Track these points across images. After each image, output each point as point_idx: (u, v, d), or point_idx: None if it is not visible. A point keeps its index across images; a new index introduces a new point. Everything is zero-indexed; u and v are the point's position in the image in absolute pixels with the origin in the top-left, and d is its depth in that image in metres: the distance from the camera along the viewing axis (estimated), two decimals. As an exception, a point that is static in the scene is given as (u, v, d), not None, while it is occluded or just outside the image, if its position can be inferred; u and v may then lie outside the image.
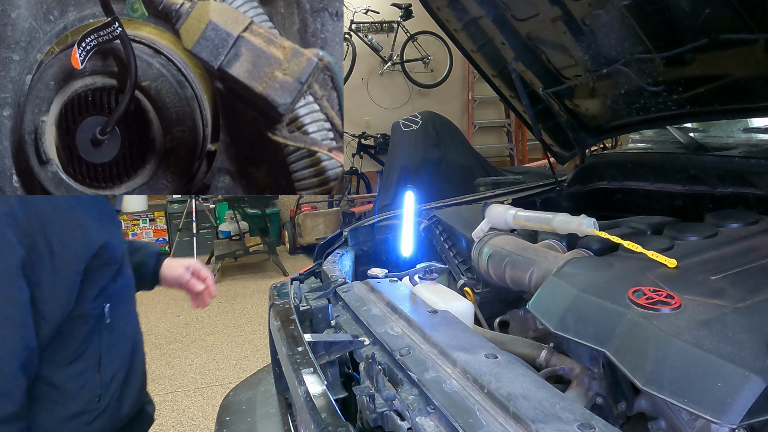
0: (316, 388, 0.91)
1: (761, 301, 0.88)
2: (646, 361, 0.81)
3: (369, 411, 0.85)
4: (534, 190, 2.10)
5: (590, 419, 0.72)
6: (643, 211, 1.70)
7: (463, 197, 2.09)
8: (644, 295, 0.92)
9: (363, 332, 1.16)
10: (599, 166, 1.99)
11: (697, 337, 0.79)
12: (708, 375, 0.74)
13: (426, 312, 1.14)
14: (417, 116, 4.53)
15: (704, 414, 0.71)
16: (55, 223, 1.02)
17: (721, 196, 1.56)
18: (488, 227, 1.48)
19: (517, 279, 1.28)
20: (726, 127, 2.05)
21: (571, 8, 1.51)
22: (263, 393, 1.47)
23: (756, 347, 0.76)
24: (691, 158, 1.69)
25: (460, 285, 1.59)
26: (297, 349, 1.06)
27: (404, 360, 0.95)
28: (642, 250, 1.09)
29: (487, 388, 0.81)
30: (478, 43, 1.94)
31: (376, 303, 1.25)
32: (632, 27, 1.42)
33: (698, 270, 1.02)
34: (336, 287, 1.37)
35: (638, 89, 1.60)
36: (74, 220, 1.05)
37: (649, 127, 2.00)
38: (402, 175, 4.28)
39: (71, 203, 1.05)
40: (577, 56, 1.66)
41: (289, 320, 1.21)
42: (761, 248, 1.10)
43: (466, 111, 7.47)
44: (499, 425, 0.74)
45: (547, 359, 1.13)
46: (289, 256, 5.77)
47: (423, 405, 0.85)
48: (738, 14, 1.20)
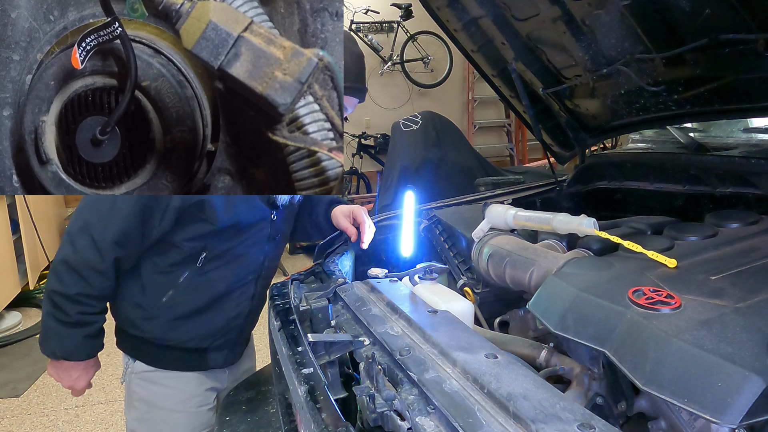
0: (316, 388, 0.91)
1: (761, 301, 0.88)
2: (646, 361, 0.81)
3: (369, 411, 0.85)
4: (534, 190, 2.10)
5: (590, 419, 0.72)
6: (643, 211, 1.70)
7: (463, 197, 2.09)
8: (644, 295, 0.92)
9: (363, 332, 1.16)
10: (599, 166, 1.99)
11: (697, 337, 0.79)
12: (708, 375, 0.74)
13: (426, 312, 1.14)
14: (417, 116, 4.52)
15: (704, 414, 0.71)
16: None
17: (721, 196, 1.56)
18: (488, 227, 1.48)
19: (517, 279, 1.27)
20: (726, 127, 2.05)
21: (571, 8, 1.51)
22: (263, 393, 1.47)
23: (756, 347, 0.76)
24: (691, 158, 1.69)
25: (460, 285, 1.59)
26: (297, 349, 1.06)
27: (404, 360, 0.95)
28: (642, 250, 1.09)
29: (487, 388, 0.81)
30: (478, 43, 1.94)
31: (376, 303, 1.25)
32: (632, 27, 1.42)
33: (698, 270, 1.02)
34: (336, 287, 1.37)
35: (638, 89, 1.60)
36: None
37: (649, 127, 2.00)
38: (402, 175, 4.28)
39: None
40: (577, 56, 1.66)
41: (289, 320, 1.21)
42: (761, 248, 1.10)
43: (466, 111, 7.47)
44: (499, 425, 0.74)
45: (547, 359, 1.13)
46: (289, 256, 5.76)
47: (423, 405, 0.85)
48: (738, 14, 1.20)
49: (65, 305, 1.29)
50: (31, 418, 2.86)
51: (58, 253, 1.30)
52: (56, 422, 2.82)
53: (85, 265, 1.28)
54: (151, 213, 1.29)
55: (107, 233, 1.27)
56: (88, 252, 1.28)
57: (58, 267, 1.28)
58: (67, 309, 1.29)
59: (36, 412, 2.92)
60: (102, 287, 1.32)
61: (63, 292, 1.28)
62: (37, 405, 2.99)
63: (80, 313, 1.31)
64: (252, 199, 1.39)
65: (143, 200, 1.26)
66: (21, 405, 2.99)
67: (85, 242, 1.27)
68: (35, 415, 2.89)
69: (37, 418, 2.86)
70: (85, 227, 1.28)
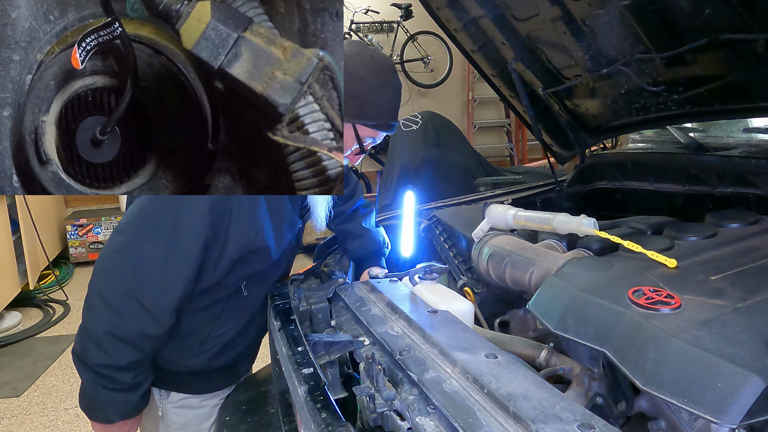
0: (316, 388, 0.91)
1: (761, 301, 0.88)
2: (646, 361, 0.81)
3: (369, 411, 0.85)
4: (534, 190, 2.10)
5: (590, 419, 0.72)
6: (643, 211, 1.70)
7: (463, 197, 2.09)
8: (644, 295, 0.92)
9: (363, 332, 1.16)
10: (599, 166, 1.99)
11: (697, 337, 0.79)
12: (708, 375, 0.74)
13: (426, 312, 1.14)
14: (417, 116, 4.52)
15: (704, 414, 0.71)
16: (240, 220, 1.21)
17: (721, 196, 1.56)
18: (488, 227, 1.48)
19: (517, 279, 1.27)
20: (726, 127, 2.06)
21: (571, 8, 1.51)
22: (263, 393, 1.46)
23: (756, 347, 0.76)
24: (691, 158, 1.69)
25: (460, 285, 1.59)
26: (297, 349, 1.06)
27: (404, 360, 0.95)
28: (642, 250, 1.09)
29: (487, 388, 0.81)
30: (478, 43, 1.94)
31: (376, 303, 1.25)
32: (632, 27, 1.42)
33: (698, 270, 1.02)
34: (336, 287, 1.37)
35: (638, 89, 1.60)
36: (254, 221, 1.23)
37: (649, 127, 2.00)
38: (402, 174, 4.27)
39: (257, 206, 1.23)
40: (577, 56, 1.66)
41: (289, 320, 1.21)
42: (761, 248, 1.10)
43: (466, 111, 7.46)
44: (499, 425, 0.74)
45: (547, 359, 1.13)
46: (289, 256, 5.77)
47: (423, 405, 0.85)
48: (738, 14, 1.20)
49: (118, 375, 1.18)
50: (31, 418, 2.86)
51: (96, 323, 1.15)
52: (56, 422, 2.82)
53: (138, 334, 1.17)
54: (204, 267, 1.21)
55: (164, 300, 1.17)
56: (141, 321, 1.16)
57: (103, 339, 1.14)
58: (121, 378, 1.19)
59: (36, 412, 2.92)
60: (156, 348, 1.24)
61: (114, 364, 1.17)
62: (37, 405, 2.99)
63: (136, 377, 1.21)
64: (292, 217, 1.36)
65: (194, 257, 1.17)
66: (21, 405, 2.99)
67: (134, 310, 1.15)
68: (35, 415, 2.89)
69: (37, 418, 2.86)
70: (131, 293, 1.15)
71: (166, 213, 1.16)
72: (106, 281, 1.16)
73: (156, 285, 1.16)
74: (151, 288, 1.16)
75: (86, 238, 5.30)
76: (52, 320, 4.04)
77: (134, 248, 1.17)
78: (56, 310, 4.24)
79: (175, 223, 1.16)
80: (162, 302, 1.17)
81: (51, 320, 4.04)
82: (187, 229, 1.16)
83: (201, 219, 1.16)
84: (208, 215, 1.16)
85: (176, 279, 1.17)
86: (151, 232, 1.16)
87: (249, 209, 1.22)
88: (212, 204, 1.16)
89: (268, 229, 1.27)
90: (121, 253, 1.17)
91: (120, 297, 1.15)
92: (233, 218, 1.20)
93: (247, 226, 1.22)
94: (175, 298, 1.18)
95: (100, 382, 1.18)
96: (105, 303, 1.14)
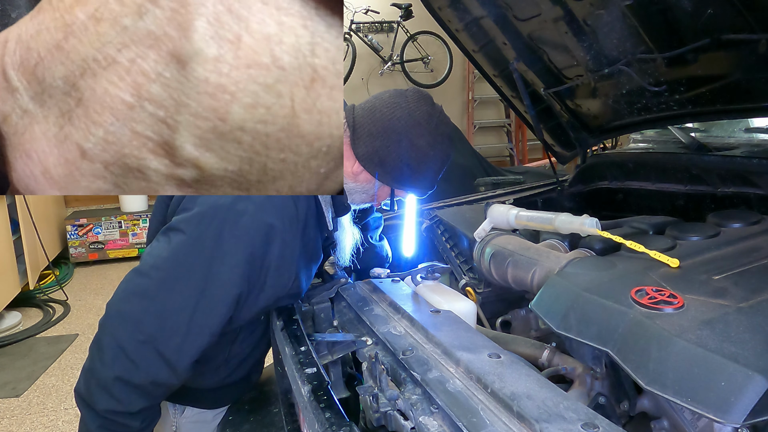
0: (319, 387, 0.91)
1: (764, 301, 0.88)
2: (649, 360, 0.81)
3: (372, 410, 0.85)
4: (535, 190, 2.11)
5: (594, 419, 0.72)
6: (645, 210, 1.70)
7: (464, 197, 2.09)
8: (647, 294, 0.92)
9: (366, 332, 1.16)
10: (600, 166, 1.99)
11: (700, 337, 0.79)
12: (711, 374, 0.74)
13: (428, 312, 1.14)
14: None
15: (707, 413, 0.71)
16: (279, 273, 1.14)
17: (722, 196, 1.56)
18: (490, 227, 1.48)
19: (520, 279, 1.28)
20: (727, 127, 2.06)
21: (573, 8, 1.51)
22: (266, 393, 1.47)
23: (759, 346, 0.76)
24: (692, 158, 1.69)
25: (462, 285, 1.59)
26: (300, 348, 1.06)
27: (407, 359, 0.95)
28: (644, 250, 1.09)
29: (491, 387, 0.81)
30: (479, 43, 1.94)
31: (379, 303, 1.25)
32: (634, 27, 1.42)
33: (701, 270, 1.02)
34: (338, 287, 1.38)
35: (640, 89, 1.60)
36: (291, 270, 1.16)
37: (650, 127, 2.00)
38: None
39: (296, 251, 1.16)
40: (579, 56, 1.66)
41: (291, 320, 1.21)
42: (763, 248, 1.10)
43: (466, 111, 7.47)
44: (503, 425, 0.75)
45: (549, 359, 1.13)
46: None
47: (426, 404, 0.85)
48: (740, 14, 1.20)
49: (128, 420, 1.09)
50: (31, 418, 2.86)
51: (107, 368, 1.05)
52: (56, 422, 2.82)
53: (152, 383, 1.07)
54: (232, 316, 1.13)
55: (185, 353, 1.08)
56: (158, 371, 1.07)
57: (114, 385, 1.05)
58: (129, 423, 1.09)
59: (36, 412, 2.92)
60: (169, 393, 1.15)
61: (124, 410, 1.07)
62: (37, 405, 2.99)
63: (144, 420, 1.12)
64: (318, 252, 1.29)
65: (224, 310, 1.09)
66: (21, 405, 2.99)
67: (151, 360, 1.05)
68: (35, 415, 2.89)
69: (37, 418, 2.86)
70: (150, 342, 1.05)
71: (199, 261, 1.06)
72: (123, 326, 1.06)
73: (178, 336, 1.06)
74: (172, 339, 1.06)
75: (86, 238, 5.30)
76: (52, 320, 4.04)
77: (159, 295, 1.06)
78: (56, 310, 4.24)
79: (208, 274, 1.06)
80: (182, 355, 1.07)
81: (51, 320, 4.04)
82: (220, 281, 1.07)
83: (237, 272, 1.08)
84: (245, 267, 1.08)
85: (200, 331, 1.08)
86: (180, 280, 1.06)
87: (289, 257, 1.14)
88: (251, 255, 1.08)
89: (302, 273, 1.20)
90: (144, 299, 1.06)
91: (137, 345, 1.05)
92: (271, 272, 1.12)
93: (285, 277, 1.15)
94: (197, 351, 1.09)
95: (106, 426, 1.09)
96: (120, 349, 1.04)
